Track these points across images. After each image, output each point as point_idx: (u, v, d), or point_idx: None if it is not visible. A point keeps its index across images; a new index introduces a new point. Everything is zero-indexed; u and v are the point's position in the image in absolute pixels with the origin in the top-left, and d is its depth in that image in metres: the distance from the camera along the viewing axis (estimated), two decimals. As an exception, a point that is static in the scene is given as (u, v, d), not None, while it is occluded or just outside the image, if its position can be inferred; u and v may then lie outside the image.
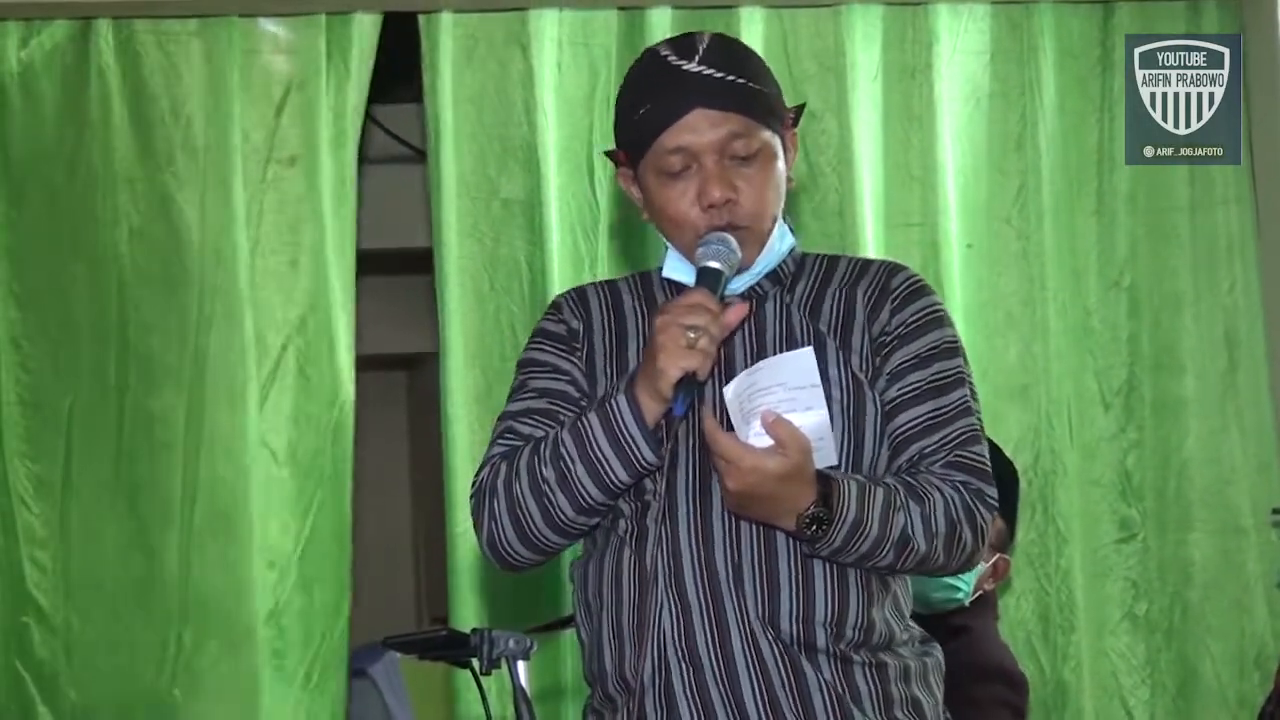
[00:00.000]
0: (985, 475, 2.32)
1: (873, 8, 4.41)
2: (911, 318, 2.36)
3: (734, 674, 2.24)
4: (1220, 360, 4.45)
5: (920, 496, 2.26)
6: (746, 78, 2.31)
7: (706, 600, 2.24)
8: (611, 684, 2.31)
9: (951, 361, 2.36)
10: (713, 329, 2.18)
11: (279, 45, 4.34)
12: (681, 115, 2.28)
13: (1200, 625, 4.39)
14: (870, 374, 2.32)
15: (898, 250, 4.35)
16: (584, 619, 2.37)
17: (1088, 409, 4.44)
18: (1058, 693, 4.33)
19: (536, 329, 2.46)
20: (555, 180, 4.33)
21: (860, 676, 2.27)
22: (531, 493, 2.28)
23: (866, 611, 2.27)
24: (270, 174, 4.29)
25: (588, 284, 2.51)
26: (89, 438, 4.18)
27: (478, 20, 4.35)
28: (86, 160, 4.22)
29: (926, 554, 2.26)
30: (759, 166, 2.31)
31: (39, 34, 4.24)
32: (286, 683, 4.12)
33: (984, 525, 2.30)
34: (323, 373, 4.25)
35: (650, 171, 2.34)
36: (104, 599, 4.12)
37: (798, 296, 2.38)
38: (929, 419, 2.32)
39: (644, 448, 2.22)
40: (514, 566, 2.36)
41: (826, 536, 2.19)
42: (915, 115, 4.42)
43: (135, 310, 4.20)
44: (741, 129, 2.29)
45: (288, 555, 4.17)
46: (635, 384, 2.23)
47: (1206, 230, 4.48)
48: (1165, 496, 4.44)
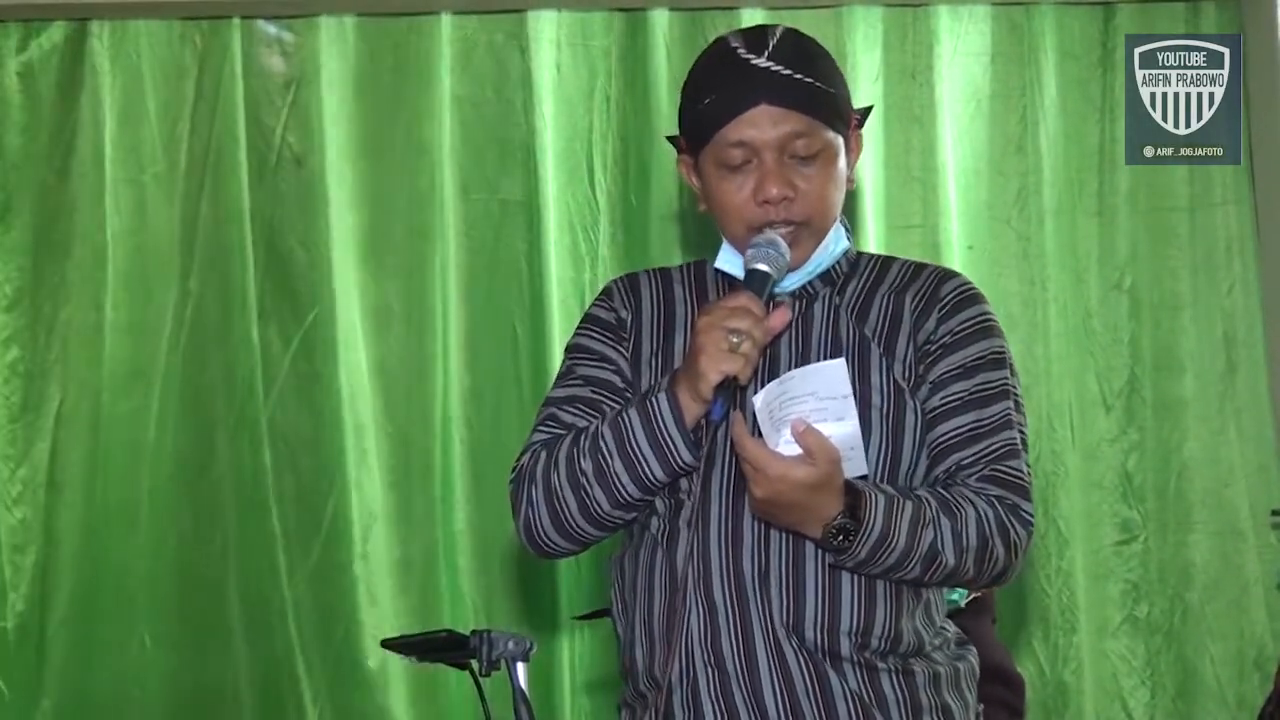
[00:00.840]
0: (1022, 490, 2.29)
1: (874, 9, 4.44)
2: (959, 326, 2.34)
3: (757, 679, 2.24)
4: (1219, 361, 4.47)
5: (953, 511, 2.24)
6: (814, 77, 2.30)
7: (733, 604, 2.25)
8: (642, 681, 2.33)
9: (997, 373, 2.34)
10: (756, 333, 2.17)
11: (277, 47, 4.40)
12: (746, 110, 2.28)
13: (1200, 627, 4.40)
14: (913, 381, 2.31)
15: (898, 252, 4.26)
16: (619, 613, 2.39)
17: (1089, 410, 4.45)
18: (1058, 694, 4.34)
19: (587, 314, 2.47)
20: (554, 180, 4.37)
21: (887, 683, 2.26)
22: (569, 483, 2.28)
23: (895, 622, 2.26)
24: (266, 172, 4.34)
25: (640, 271, 2.51)
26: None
27: (476, 22, 4.39)
28: (79, 159, 4.30)
29: (956, 568, 2.25)
30: (819, 166, 2.30)
31: (38, 35, 4.31)
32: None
33: (1018, 541, 2.28)
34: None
35: (710, 162, 2.33)
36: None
37: (847, 299, 2.37)
38: (970, 430, 2.31)
39: (681, 449, 2.22)
40: (549, 554, 2.37)
41: (852, 548, 2.18)
42: (916, 116, 4.45)
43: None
44: (804, 128, 2.28)
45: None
46: (676, 383, 2.22)
47: (1205, 231, 4.49)
48: (1166, 498, 4.45)
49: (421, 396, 4.34)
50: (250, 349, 4.29)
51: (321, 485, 4.31)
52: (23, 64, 4.31)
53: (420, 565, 4.33)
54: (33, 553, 4.26)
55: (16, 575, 4.25)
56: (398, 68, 4.40)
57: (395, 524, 4.33)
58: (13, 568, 4.25)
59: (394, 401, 4.36)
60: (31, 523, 4.26)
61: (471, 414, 4.33)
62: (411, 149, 4.38)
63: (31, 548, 4.26)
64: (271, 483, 4.30)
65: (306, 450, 4.33)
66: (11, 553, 4.25)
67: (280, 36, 4.40)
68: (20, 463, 4.28)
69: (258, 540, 4.28)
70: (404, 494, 4.35)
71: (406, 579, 4.33)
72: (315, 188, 4.34)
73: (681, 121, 2.39)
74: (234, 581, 4.29)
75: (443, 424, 4.32)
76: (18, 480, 4.28)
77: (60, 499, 4.27)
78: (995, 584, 2.36)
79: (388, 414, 4.36)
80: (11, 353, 4.30)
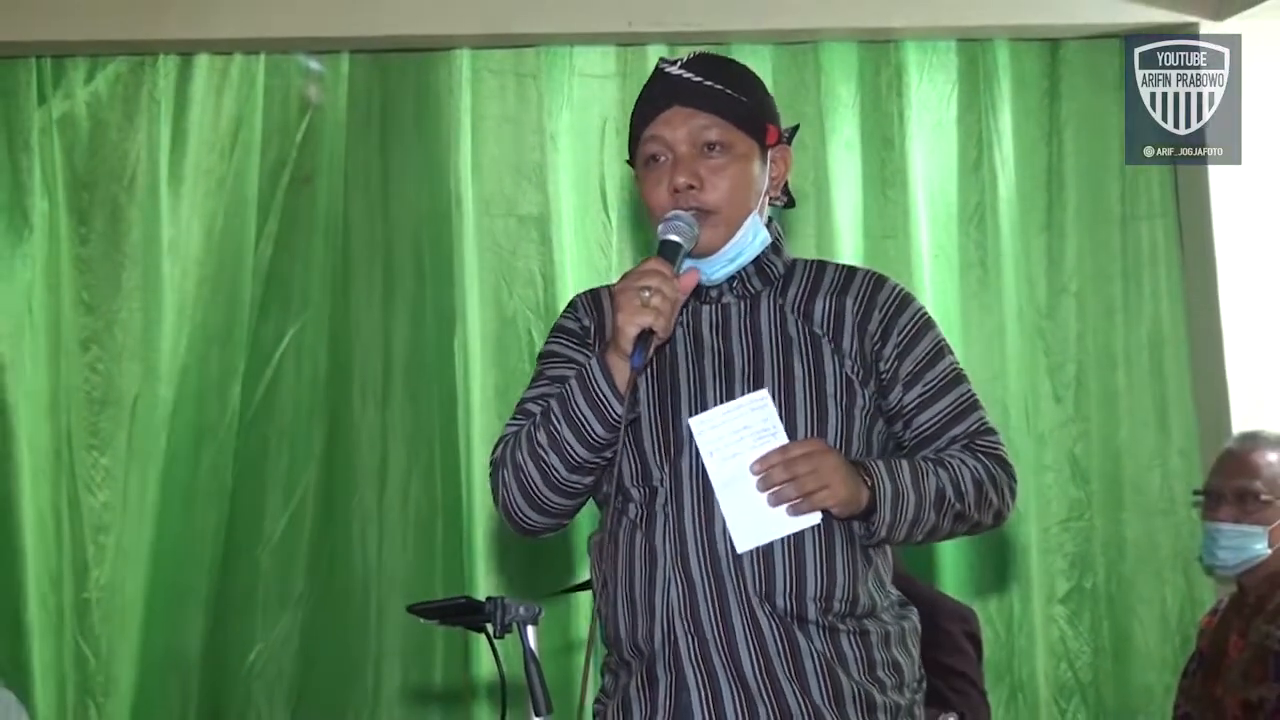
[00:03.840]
0: (1002, 454, 2.47)
1: (849, 44, 4.68)
2: (908, 325, 2.48)
3: (734, 643, 2.36)
4: (1146, 358, 4.70)
5: (945, 464, 2.41)
6: (723, 84, 2.45)
7: (709, 577, 2.36)
8: (626, 649, 2.44)
9: (950, 358, 2.51)
10: (665, 289, 2.30)
11: (309, 77, 4.64)
12: (661, 111, 2.45)
13: (1132, 595, 4.64)
14: (862, 375, 2.43)
15: (875, 260, 4.63)
16: (599, 589, 2.49)
17: (1042, 401, 4.68)
18: (1011, 656, 4.58)
19: (555, 325, 2.60)
20: (568, 199, 4.58)
21: (846, 643, 2.39)
22: (530, 457, 2.41)
23: (853, 585, 2.39)
24: (283, 190, 4.57)
25: (600, 287, 2.64)
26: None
27: (494, 55, 4.62)
28: (137, 178, 4.54)
29: (964, 511, 2.41)
30: (727, 160, 2.44)
31: (104, 67, 4.58)
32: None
33: (1008, 485, 2.45)
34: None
35: (639, 164, 2.50)
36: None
37: (790, 299, 2.48)
38: (951, 411, 2.46)
39: (613, 401, 2.34)
40: (528, 531, 2.49)
41: (877, 510, 2.32)
42: (888, 139, 4.67)
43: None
44: (711, 124, 2.43)
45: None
46: (606, 350, 2.37)
47: (1134, 242, 4.72)
48: (1106, 480, 4.68)
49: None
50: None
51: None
52: (90, 94, 4.56)
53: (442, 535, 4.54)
54: (113, 533, 4.46)
55: (100, 553, 4.45)
56: (417, 96, 4.64)
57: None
58: (95, 546, 4.46)
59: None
60: (113, 504, 4.47)
61: (490, 410, 4.49)
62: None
63: (113, 528, 4.47)
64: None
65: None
66: (95, 533, 4.46)
67: (311, 67, 4.62)
68: (103, 451, 4.50)
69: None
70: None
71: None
72: (320, 204, 4.56)
73: (629, 140, 2.55)
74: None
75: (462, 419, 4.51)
76: (100, 468, 4.50)
77: (137, 483, 4.46)
78: (995, 525, 2.50)
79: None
80: (91, 352, 4.52)
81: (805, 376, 2.43)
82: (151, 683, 4.44)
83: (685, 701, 2.37)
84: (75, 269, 4.54)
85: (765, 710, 2.35)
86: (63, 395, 4.50)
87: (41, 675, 4.38)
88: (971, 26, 4.69)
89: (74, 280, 4.53)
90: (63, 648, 4.43)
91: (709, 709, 2.36)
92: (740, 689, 2.36)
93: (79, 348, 4.53)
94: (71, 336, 4.52)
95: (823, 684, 2.36)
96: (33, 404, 4.47)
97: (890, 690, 2.43)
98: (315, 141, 4.61)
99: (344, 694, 4.53)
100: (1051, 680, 4.62)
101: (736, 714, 2.36)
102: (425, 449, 4.60)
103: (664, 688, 2.39)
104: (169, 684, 4.44)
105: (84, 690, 4.42)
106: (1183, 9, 4.60)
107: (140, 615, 4.44)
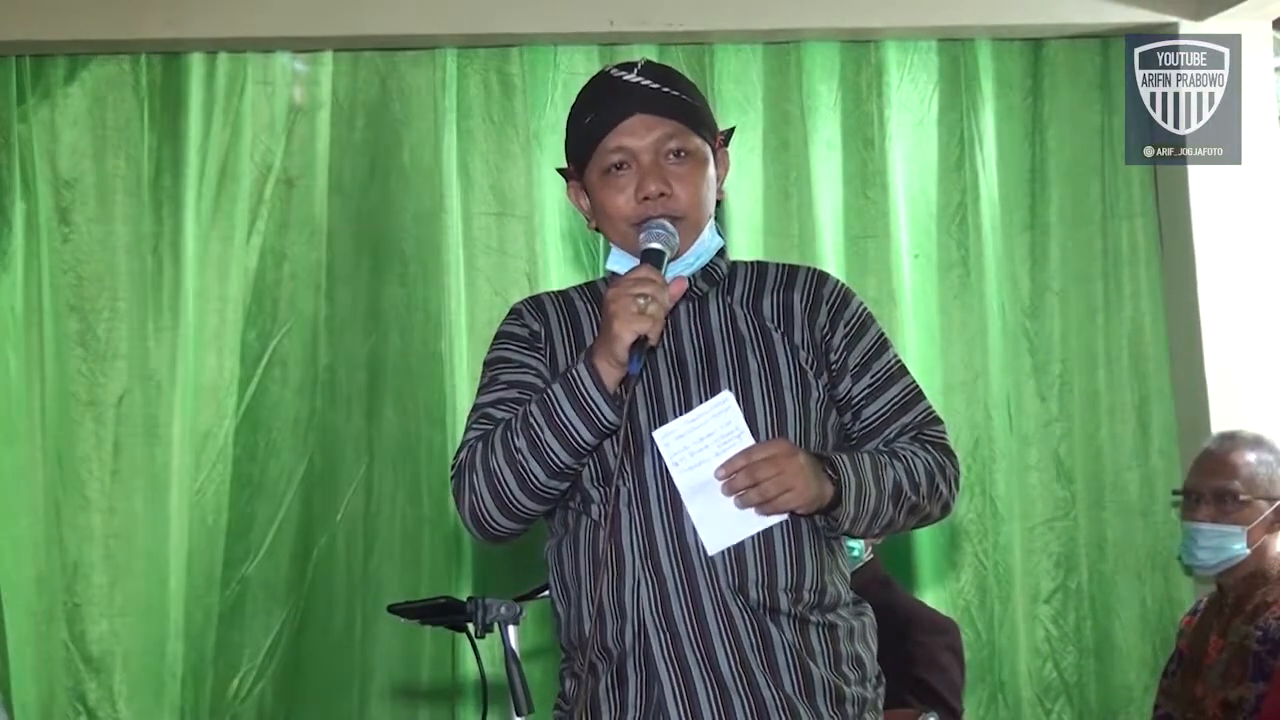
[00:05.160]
0: (947, 444, 2.51)
1: (830, 44, 4.69)
2: (853, 317, 2.52)
3: (708, 637, 2.36)
4: (1126, 358, 4.72)
5: (899, 456, 2.45)
6: (679, 91, 2.49)
7: (680, 573, 2.37)
8: (593, 651, 2.42)
9: (893, 350, 2.56)
10: (660, 297, 2.31)
11: (297, 77, 4.65)
12: (622, 119, 2.45)
13: (1112, 595, 4.65)
14: (816, 367, 2.47)
15: (855, 260, 4.65)
16: (560, 595, 2.49)
17: (1026, 401, 4.69)
18: (994, 656, 4.58)
19: (499, 332, 2.58)
20: (554, 199, 4.55)
21: (815, 636, 2.41)
22: (507, 463, 2.37)
23: (820, 576, 2.42)
24: (269, 192, 4.56)
25: (542, 293, 2.65)
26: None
27: (479, 55, 4.63)
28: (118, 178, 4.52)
29: (917, 503, 2.45)
30: (691, 166, 2.46)
31: (85, 67, 4.55)
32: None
33: (955, 475, 2.49)
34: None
35: (595, 174, 2.49)
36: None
37: (737, 296, 2.52)
38: (899, 401, 2.51)
39: (605, 409, 2.33)
40: (494, 537, 2.45)
41: (842, 504, 2.35)
42: (869, 139, 4.68)
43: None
44: (675, 131, 2.46)
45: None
46: (593, 354, 2.35)
47: (1114, 242, 4.73)
48: (1089, 479, 4.70)
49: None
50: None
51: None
52: (70, 93, 4.53)
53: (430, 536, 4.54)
54: (98, 539, 4.44)
55: (85, 559, 4.42)
56: (402, 96, 4.63)
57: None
58: (79, 552, 4.42)
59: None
60: (98, 508, 4.44)
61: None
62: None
63: (96, 534, 4.45)
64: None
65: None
66: (79, 540, 4.43)
67: (296, 68, 4.62)
68: (87, 454, 4.46)
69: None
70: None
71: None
72: (308, 206, 4.55)
73: (568, 148, 2.55)
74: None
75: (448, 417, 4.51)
76: (84, 471, 4.46)
77: (123, 487, 4.47)
78: (942, 517, 2.53)
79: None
80: (75, 353, 4.46)
81: (760, 371, 2.46)
82: (144, 686, 4.44)
83: (658, 697, 2.38)
84: (57, 269, 4.53)
85: (740, 702, 2.36)
86: (46, 397, 4.48)
87: (21, 687, 4.37)
88: (953, 26, 4.70)
89: (55, 280, 4.52)
90: (52, 655, 4.43)
91: (683, 704, 2.37)
92: (715, 683, 2.37)
93: (62, 349, 4.51)
94: (53, 337, 4.51)
95: (794, 676, 2.38)
96: (14, 405, 4.45)
97: (854, 684, 2.45)
98: (300, 143, 4.62)
99: (330, 706, 4.53)
100: (1036, 680, 4.64)
101: (711, 708, 2.36)
102: (411, 458, 4.60)
103: (634, 686, 2.40)
104: (163, 689, 4.42)
105: (74, 695, 4.42)
106: (1163, 9, 4.62)
107: (127, 621, 4.44)
